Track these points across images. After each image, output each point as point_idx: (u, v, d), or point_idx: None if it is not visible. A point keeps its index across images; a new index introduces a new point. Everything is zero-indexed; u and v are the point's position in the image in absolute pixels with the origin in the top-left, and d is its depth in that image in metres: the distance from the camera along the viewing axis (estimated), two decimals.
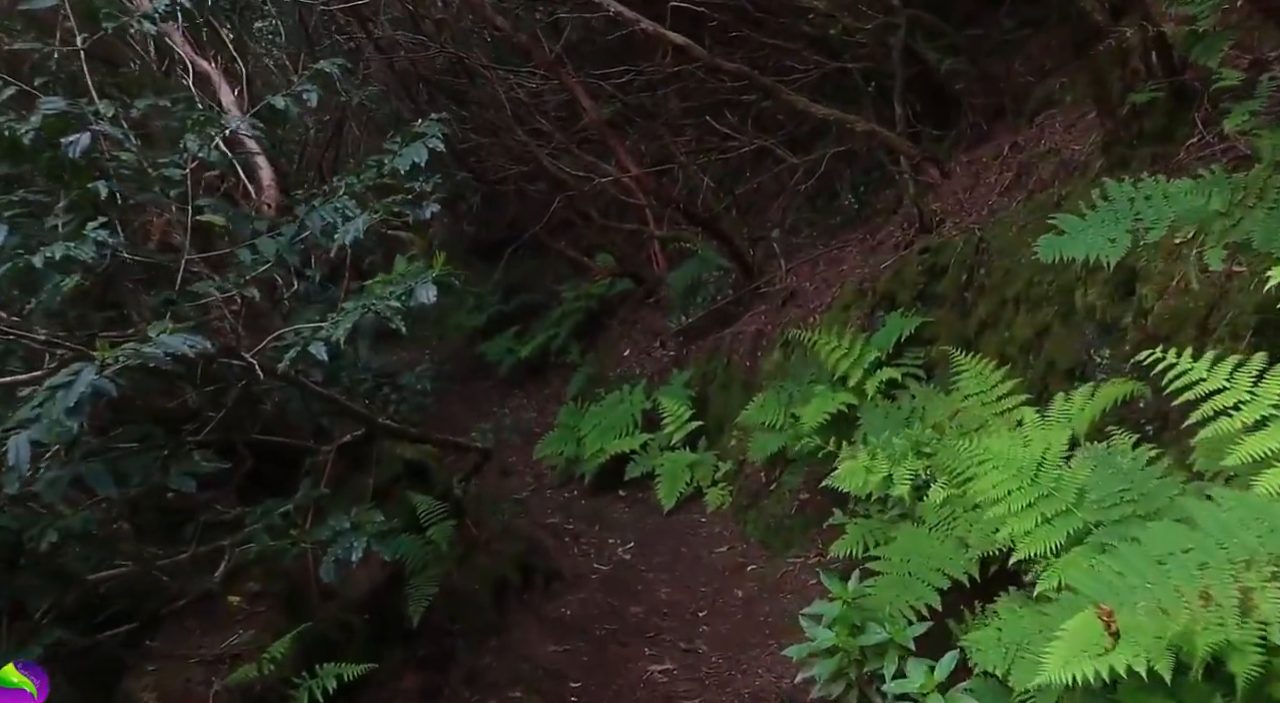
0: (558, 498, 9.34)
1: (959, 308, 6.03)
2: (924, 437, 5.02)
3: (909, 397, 6.16)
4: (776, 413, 7.01)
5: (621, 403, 9.15)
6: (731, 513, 7.68)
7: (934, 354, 6.19)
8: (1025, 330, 5.33)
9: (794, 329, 7.73)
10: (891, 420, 5.65)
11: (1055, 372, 4.99)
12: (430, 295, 3.86)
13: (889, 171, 8.63)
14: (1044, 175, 6.03)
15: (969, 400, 5.07)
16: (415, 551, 4.74)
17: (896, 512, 4.91)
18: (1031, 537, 3.52)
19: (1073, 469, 3.67)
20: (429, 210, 5.26)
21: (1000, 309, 5.62)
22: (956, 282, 6.05)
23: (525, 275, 13.93)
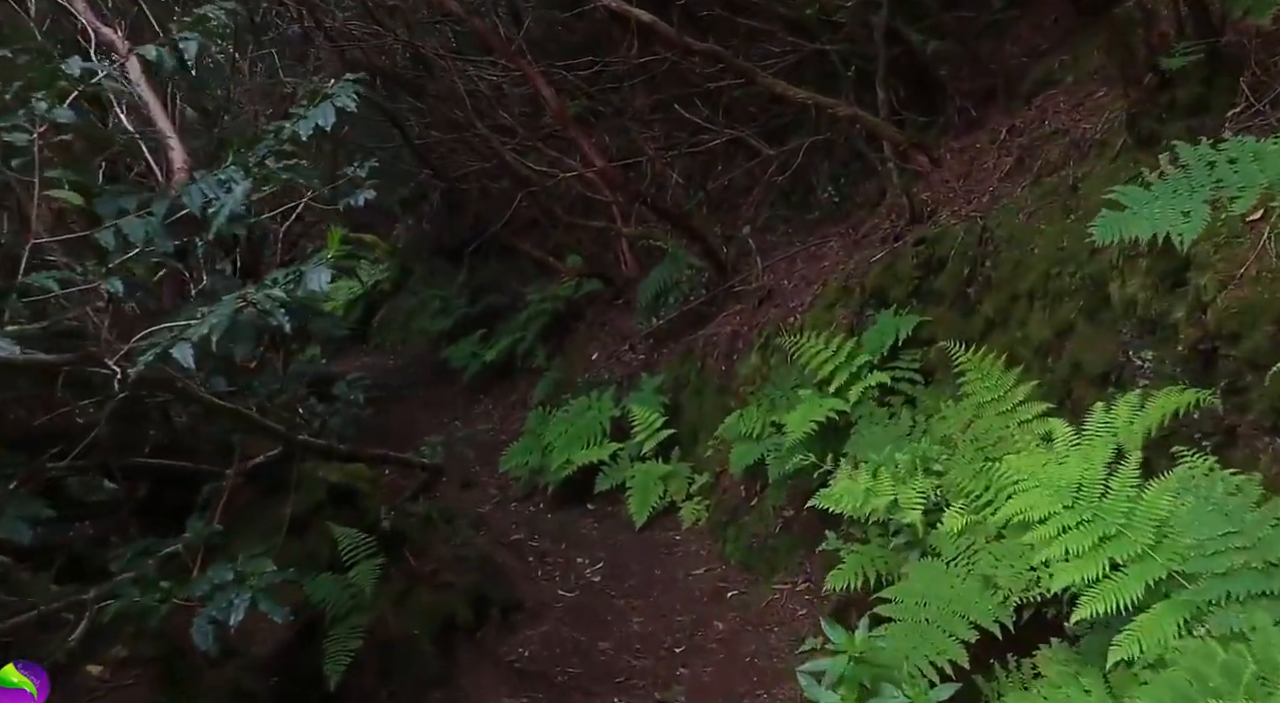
0: (523, 512, 8.41)
1: (961, 305, 5.19)
2: (932, 452, 4.17)
3: (904, 404, 5.33)
4: (757, 422, 6.14)
5: (589, 410, 8.24)
6: (708, 530, 6.80)
7: (932, 356, 5.35)
8: (1042, 330, 4.49)
9: (773, 330, 6.87)
10: (891, 432, 4.80)
11: (1082, 376, 4.15)
12: (323, 282, 2.96)
13: (870, 162, 7.78)
14: (1051, 158, 5.21)
15: (984, 409, 4.22)
16: (336, 595, 3.81)
17: (903, 540, 4.04)
18: (1099, 590, 2.65)
19: (1148, 499, 2.81)
20: (362, 197, 4.36)
21: (1010, 306, 4.79)
22: (957, 276, 5.21)
23: (492, 277, 12.98)
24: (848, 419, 5.36)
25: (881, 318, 5.63)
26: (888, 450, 4.25)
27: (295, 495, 3.91)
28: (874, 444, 4.63)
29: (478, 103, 9.48)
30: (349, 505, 4.18)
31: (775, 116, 9.13)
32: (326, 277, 2.97)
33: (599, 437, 7.92)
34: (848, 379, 5.51)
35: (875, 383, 5.39)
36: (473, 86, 9.33)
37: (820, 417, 5.32)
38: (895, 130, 6.65)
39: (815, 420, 5.32)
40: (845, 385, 5.50)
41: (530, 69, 7.61)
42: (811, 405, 5.43)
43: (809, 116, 8.82)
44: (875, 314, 5.80)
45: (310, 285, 2.94)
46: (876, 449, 4.49)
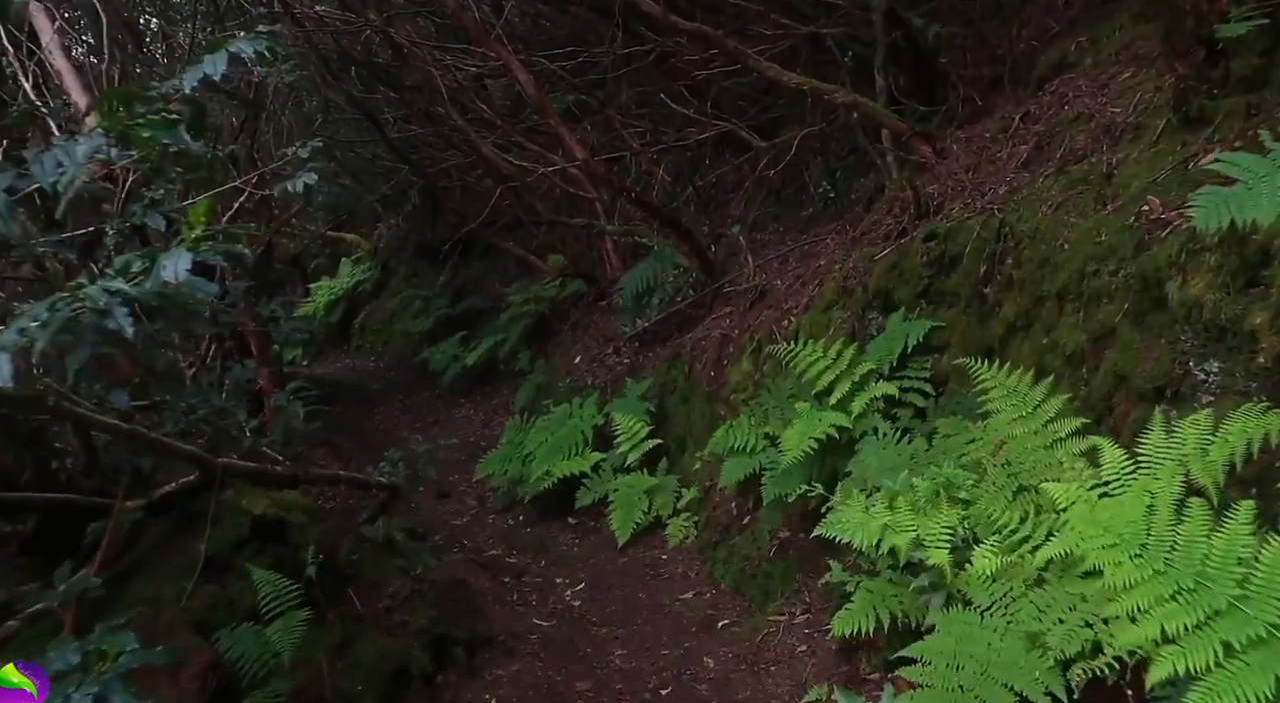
0: (500, 525, 7.72)
1: (977, 307, 4.52)
2: (957, 477, 3.49)
3: (913, 417, 4.67)
4: (749, 434, 5.47)
5: (571, 417, 7.55)
6: (697, 550, 6.12)
7: (945, 364, 4.68)
8: (1075, 335, 3.82)
9: (766, 334, 6.20)
10: (904, 453, 4.13)
11: (1127, 390, 3.49)
12: (182, 270, 2.24)
13: (867, 155, 7.13)
14: (1076, 145, 4.55)
15: (1012, 427, 3.55)
16: (256, 652, 3.10)
17: (925, 581, 3.37)
18: (1175, 648, 1.99)
19: (1270, 555, 2.14)
20: (302, 181, 3.67)
21: (1036, 308, 4.12)
22: (973, 275, 4.55)
23: (474, 277, 12.29)
24: (851, 436, 4.69)
25: (887, 322, 4.97)
26: (904, 476, 3.58)
27: (213, 530, 3.21)
28: (886, 467, 3.97)
29: (456, 94, 8.77)
30: (278, 541, 3.49)
31: (766, 109, 8.47)
32: (186, 263, 2.27)
33: (581, 446, 7.24)
34: (850, 390, 4.84)
35: (881, 394, 4.72)
36: (450, 77, 8.62)
37: (820, 434, 4.65)
38: (897, 119, 5.98)
39: (814, 438, 4.65)
40: (847, 397, 4.83)
41: (506, 54, 6.92)
42: (810, 420, 4.76)
43: (802, 109, 8.17)
44: (880, 318, 5.14)
45: (166, 275, 2.24)
46: (889, 472, 3.82)
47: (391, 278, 13.49)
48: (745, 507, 5.80)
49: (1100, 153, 4.29)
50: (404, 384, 11.92)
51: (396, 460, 4.86)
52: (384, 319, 13.16)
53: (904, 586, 3.66)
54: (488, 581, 6.16)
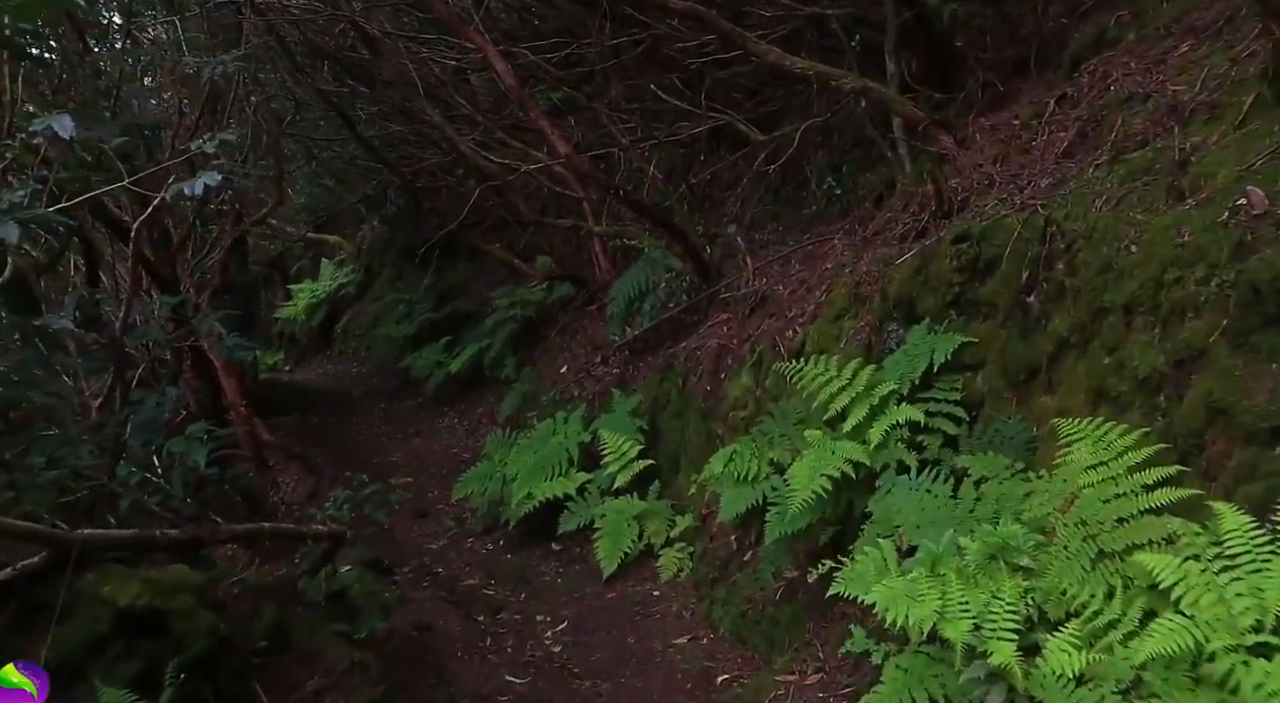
0: (479, 549, 6.95)
1: (1019, 320, 3.75)
2: (1015, 536, 2.72)
3: (939, 446, 3.89)
4: (751, 461, 4.69)
5: (555, 434, 6.77)
6: (692, 586, 5.35)
7: (980, 386, 3.91)
8: (1150, 356, 3.05)
9: (768, 345, 5.43)
10: (940, 499, 3.35)
11: (1228, 427, 2.72)
12: None
13: (876, 147, 6.37)
14: (1133, 129, 3.78)
15: (1089, 475, 2.78)
16: None
17: (981, 673, 2.59)
18: None
19: None
20: (201, 182, 2.90)
21: (1095, 322, 3.35)
22: (1013, 282, 3.77)
23: (460, 280, 11.50)
24: (870, 470, 3.92)
25: (909, 335, 4.19)
26: (949, 536, 2.80)
27: (61, 628, 2.39)
28: (924, 520, 3.19)
29: (433, 89, 7.98)
30: (155, 635, 2.69)
31: (763, 102, 7.69)
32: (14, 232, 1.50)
33: (565, 466, 6.46)
34: (867, 415, 4.07)
35: (904, 420, 3.94)
36: (427, 71, 7.82)
37: (833, 470, 3.87)
38: (913, 106, 5.20)
39: (827, 475, 3.87)
40: (864, 423, 4.06)
41: (483, 42, 6.13)
42: (822, 453, 3.99)
43: (802, 101, 7.40)
44: (900, 330, 4.36)
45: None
46: (929, 529, 3.05)
47: (375, 281, 12.69)
48: (746, 540, 5.03)
49: (1166, 137, 3.52)
50: (386, 391, 11.13)
51: (342, 502, 4.08)
52: (367, 323, 12.37)
53: (944, 664, 2.89)
54: (459, 621, 5.38)
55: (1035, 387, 3.66)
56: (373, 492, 4.12)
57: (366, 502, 4.09)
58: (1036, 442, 3.57)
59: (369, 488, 4.16)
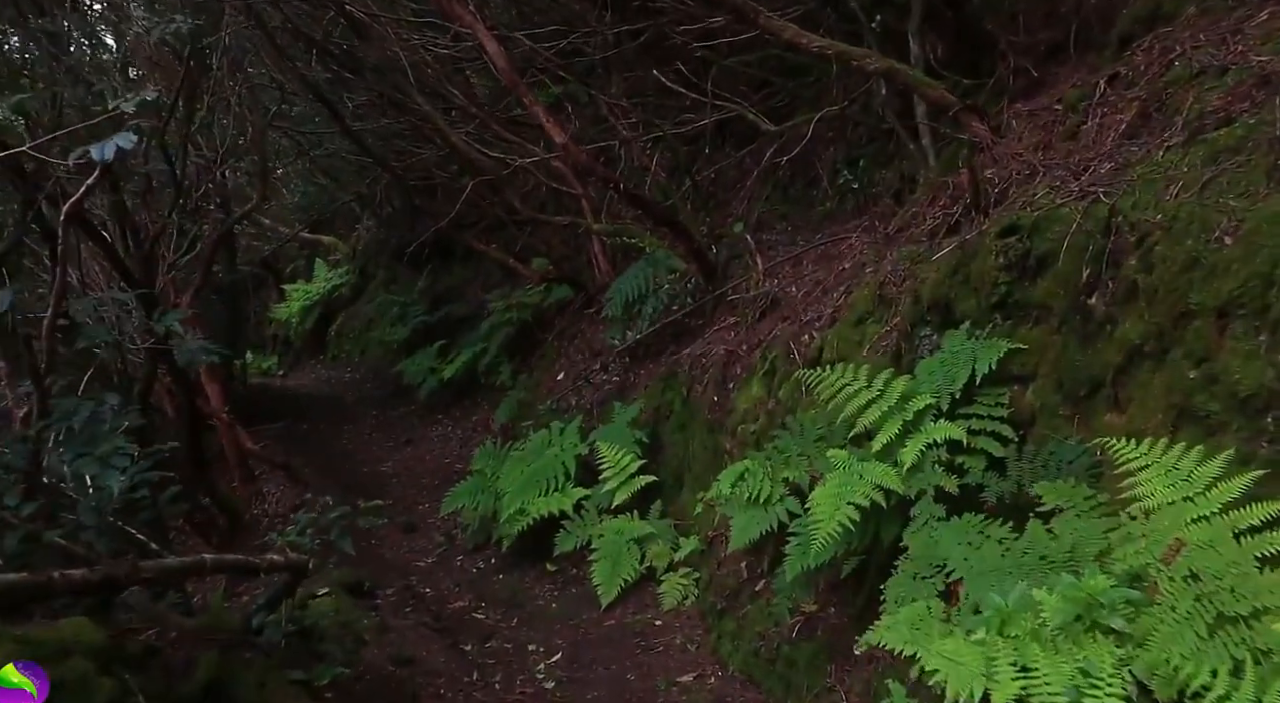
0: (470, 567, 6.39)
1: (1078, 324, 3.19)
2: (1106, 593, 2.15)
3: (983, 469, 3.32)
4: (763, 480, 4.13)
5: (550, 446, 6.20)
6: (698, 615, 4.79)
7: (1031, 400, 3.34)
8: (1254, 369, 2.49)
9: (782, 352, 4.87)
10: (998, 539, 2.78)
11: None
12: None
13: (895, 140, 5.84)
14: (1211, 106, 3.23)
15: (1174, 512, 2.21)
16: None
17: None
18: None
19: None
20: (114, 145, 2.35)
21: (1178, 327, 2.79)
22: (1071, 281, 3.21)
23: (455, 283, 10.94)
24: (904, 497, 3.35)
25: (947, 342, 3.62)
26: (1021, 589, 2.23)
27: None
28: (979, 560, 2.63)
29: (424, 78, 7.43)
30: None
31: (772, 94, 7.13)
32: None
33: (561, 480, 5.89)
34: (899, 432, 3.50)
35: (942, 438, 3.38)
36: (418, 58, 7.27)
37: (862, 498, 3.30)
38: (943, 90, 4.64)
39: (854, 503, 3.31)
40: (896, 441, 3.49)
41: (473, 22, 5.58)
42: (847, 476, 3.42)
43: (813, 93, 6.86)
44: (935, 336, 3.80)
45: None
46: (991, 576, 2.48)
47: (370, 283, 12.13)
48: (758, 567, 4.46)
49: (1257, 112, 2.96)
50: (379, 397, 10.57)
51: (304, 528, 3.53)
52: (361, 327, 11.81)
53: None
54: (444, 652, 4.82)
55: (1098, 402, 3.09)
56: (338, 516, 3.56)
57: (332, 526, 3.53)
58: (1100, 466, 3.01)
59: (334, 511, 3.59)
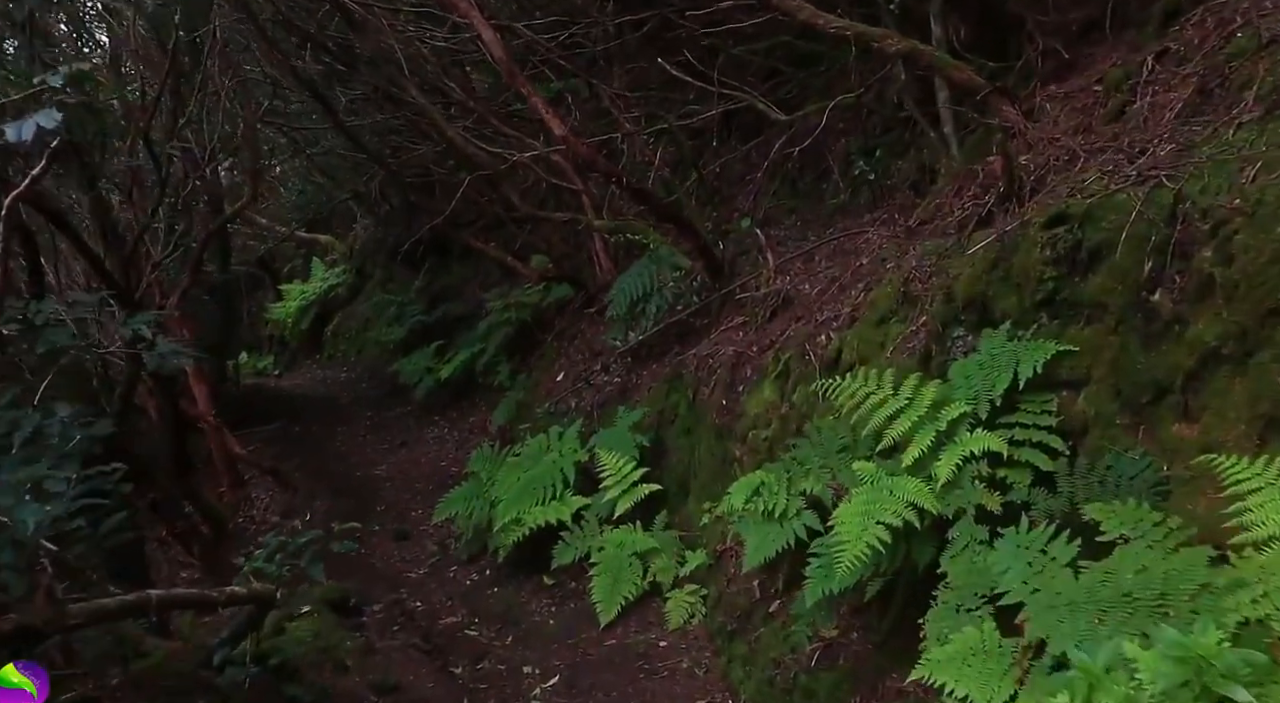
0: (463, 579, 5.99)
1: (1139, 323, 2.78)
2: (1221, 655, 1.73)
3: (1028, 486, 2.92)
4: (779, 493, 3.72)
5: (548, 451, 5.80)
6: (705, 636, 4.38)
7: (1082, 408, 2.93)
8: None
9: (796, 353, 4.46)
10: (1068, 570, 2.37)
11: None
12: None
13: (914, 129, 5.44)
14: None
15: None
16: None
17: None
18: None
19: None
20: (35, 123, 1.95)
21: (1265, 326, 2.38)
22: (1131, 275, 2.80)
23: (453, 282, 10.52)
24: (939, 515, 2.94)
25: (984, 343, 3.21)
26: (1113, 646, 1.82)
27: None
28: (1049, 593, 2.22)
29: (419, 70, 7.01)
30: None
31: (781, 84, 6.72)
32: None
33: (559, 488, 5.48)
34: (933, 444, 3.09)
35: (981, 451, 2.97)
36: (413, 49, 6.85)
37: (892, 517, 2.90)
38: (971, 72, 4.23)
39: (884, 523, 2.90)
40: (929, 453, 3.08)
41: (467, 7, 5.17)
42: (876, 493, 3.02)
43: (823, 82, 6.45)
44: (969, 337, 3.39)
45: None
46: (1060, 606, 2.08)
47: (367, 282, 11.72)
48: (772, 586, 4.05)
49: None
50: (375, 398, 10.16)
51: (272, 553, 3.11)
52: (357, 326, 11.40)
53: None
54: (432, 675, 4.42)
55: (1164, 411, 2.69)
56: (309, 540, 3.15)
57: (304, 551, 3.12)
58: (1169, 483, 2.61)
59: (305, 536, 3.18)
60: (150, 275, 6.74)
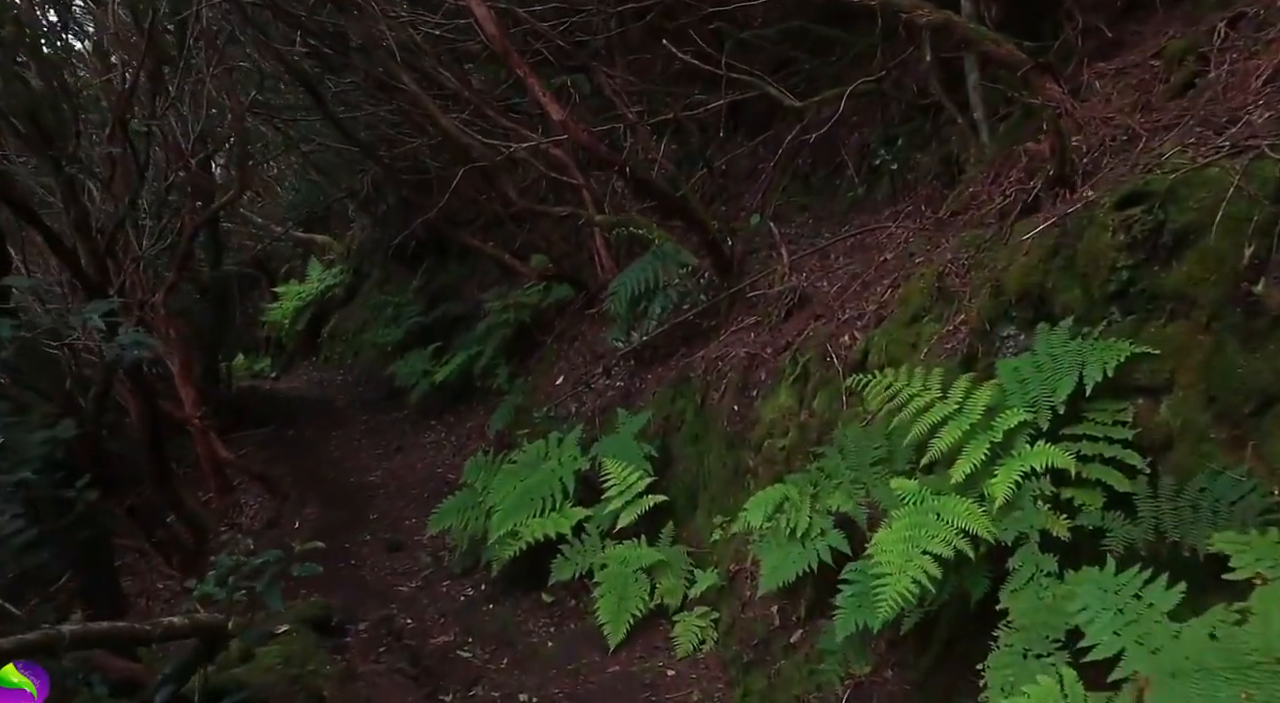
0: (457, 594, 5.51)
1: (1239, 319, 2.31)
2: None
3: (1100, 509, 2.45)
4: (800, 510, 3.25)
5: (546, 459, 5.32)
6: (718, 665, 3.90)
7: (1165, 418, 2.46)
8: None
9: (816, 355, 3.98)
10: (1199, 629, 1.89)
11: None
12: None
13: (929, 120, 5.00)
14: None
15: None
16: None
17: None
18: None
19: None
20: None
21: None
22: (1228, 262, 2.34)
23: (451, 282, 10.04)
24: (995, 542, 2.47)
25: (1042, 343, 2.74)
26: None
27: None
28: (1170, 652, 1.74)
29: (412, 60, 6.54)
30: None
31: (792, 74, 6.25)
32: None
33: (559, 499, 5.00)
34: (985, 457, 2.62)
35: (1044, 466, 2.50)
36: (406, 36, 6.39)
37: (943, 546, 2.44)
38: (1011, 46, 3.76)
39: (932, 553, 2.44)
40: (981, 469, 2.61)
41: None
42: (920, 515, 2.56)
43: (835, 71, 5.99)
44: (1022, 335, 2.93)
45: None
46: (1186, 674, 1.61)
47: (364, 282, 11.24)
48: (793, 613, 3.58)
49: None
50: (371, 401, 9.68)
51: (226, 575, 2.65)
52: (354, 328, 10.92)
53: None
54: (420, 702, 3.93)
55: (1273, 423, 2.22)
56: (265, 562, 2.67)
57: (264, 571, 2.65)
58: None
59: (262, 557, 2.71)
60: (130, 269, 6.27)
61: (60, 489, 3.92)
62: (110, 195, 6.38)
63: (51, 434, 3.98)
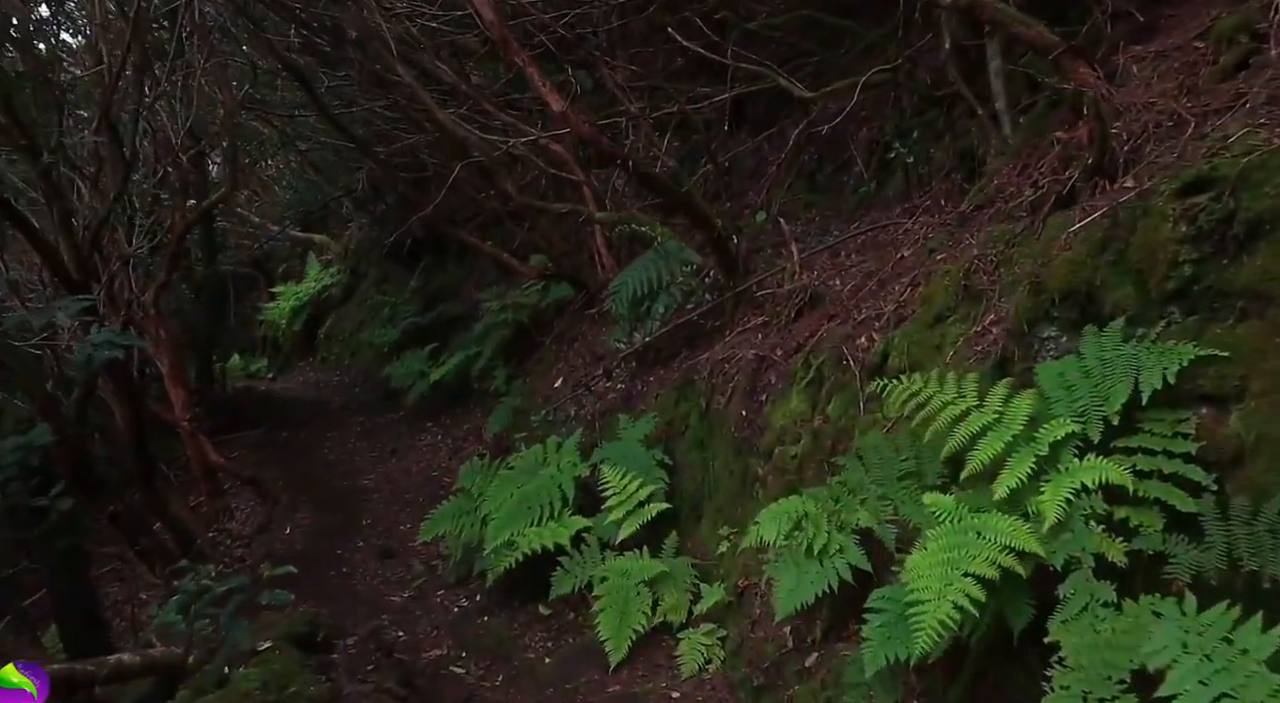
0: (451, 605, 5.20)
1: None
2: None
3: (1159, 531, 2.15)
4: (819, 526, 2.95)
5: (545, 464, 5.02)
6: (725, 688, 3.59)
7: (1235, 429, 2.16)
8: None
9: (831, 357, 3.68)
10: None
11: None
12: None
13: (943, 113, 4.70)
14: None
15: None
16: None
17: None
18: None
19: None
20: None
21: None
22: None
23: (449, 281, 9.71)
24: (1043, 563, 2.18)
25: (1090, 346, 2.44)
26: None
27: None
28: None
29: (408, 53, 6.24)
30: None
31: (800, 67, 5.95)
32: None
33: (557, 507, 4.70)
34: (1031, 471, 2.32)
35: (1096, 482, 2.20)
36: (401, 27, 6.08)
37: (987, 568, 2.15)
38: (1041, 28, 3.47)
39: (974, 574, 2.14)
40: (1025, 485, 2.31)
41: None
42: (959, 535, 2.27)
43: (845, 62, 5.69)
44: (1063, 337, 2.63)
45: None
46: None
47: (362, 282, 10.92)
48: (808, 635, 3.27)
49: None
50: (367, 403, 9.37)
51: (188, 603, 2.34)
52: (351, 328, 10.61)
53: None
54: None
55: None
56: (231, 590, 2.37)
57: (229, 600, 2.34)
58: None
59: (227, 583, 2.40)
60: (116, 267, 5.96)
61: (35, 497, 3.62)
62: (97, 191, 6.08)
63: (26, 440, 3.67)
